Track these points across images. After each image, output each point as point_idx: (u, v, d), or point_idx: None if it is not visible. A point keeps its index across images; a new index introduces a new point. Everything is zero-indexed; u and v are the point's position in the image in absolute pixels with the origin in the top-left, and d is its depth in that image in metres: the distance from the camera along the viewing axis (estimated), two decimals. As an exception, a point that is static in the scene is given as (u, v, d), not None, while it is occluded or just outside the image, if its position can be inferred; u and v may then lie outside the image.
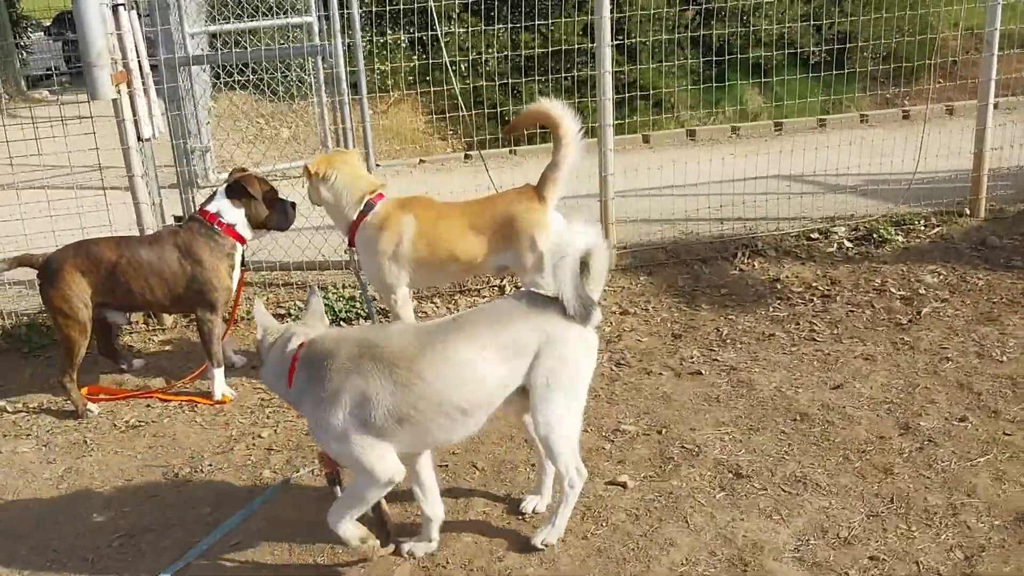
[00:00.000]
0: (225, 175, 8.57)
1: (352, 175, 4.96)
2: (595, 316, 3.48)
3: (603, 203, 6.40)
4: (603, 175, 6.33)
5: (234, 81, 10.38)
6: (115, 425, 4.93)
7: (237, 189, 5.10)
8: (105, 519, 4.09)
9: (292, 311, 6.02)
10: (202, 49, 10.02)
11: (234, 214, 5.09)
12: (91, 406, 5.05)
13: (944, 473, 4.02)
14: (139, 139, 5.61)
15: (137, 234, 5.60)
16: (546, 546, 3.65)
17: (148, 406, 5.11)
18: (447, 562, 3.64)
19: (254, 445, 4.64)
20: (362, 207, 4.93)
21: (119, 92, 5.37)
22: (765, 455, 4.25)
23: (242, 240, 5.16)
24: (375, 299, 5.66)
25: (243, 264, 5.29)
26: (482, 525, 3.86)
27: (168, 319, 5.97)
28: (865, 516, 3.77)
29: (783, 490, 3.98)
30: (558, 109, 4.89)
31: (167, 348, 5.79)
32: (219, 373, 5.09)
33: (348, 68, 6.35)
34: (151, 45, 6.49)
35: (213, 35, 9.77)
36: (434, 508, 3.67)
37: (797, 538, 3.66)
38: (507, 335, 3.41)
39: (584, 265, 3.44)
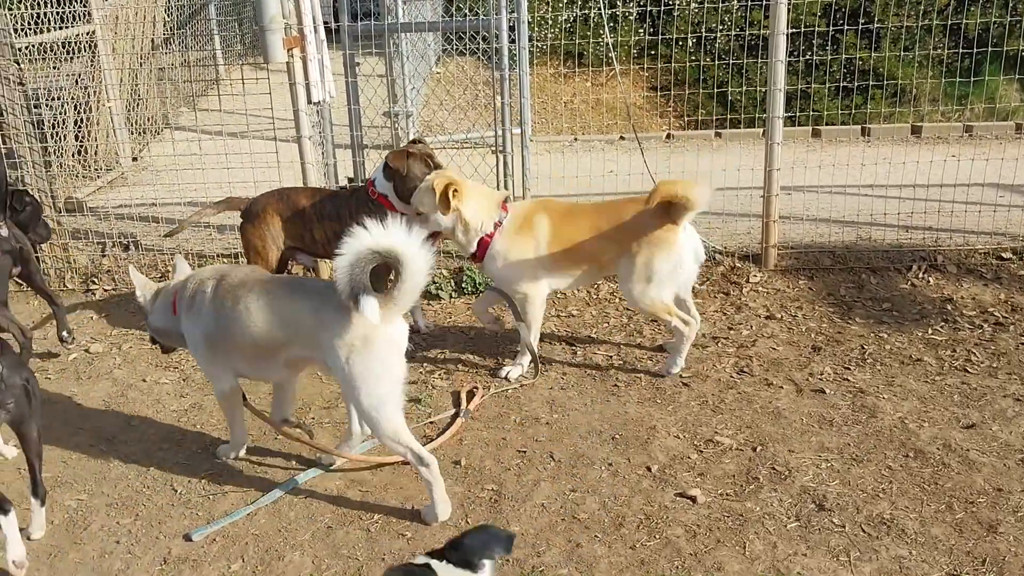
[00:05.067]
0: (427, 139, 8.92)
1: (479, 194, 4.96)
2: (364, 306, 3.47)
3: (766, 199, 6.07)
4: (768, 169, 6.00)
5: (464, 47, 10.68)
6: (249, 369, 5.27)
7: (385, 164, 5.23)
8: (206, 456, 4.42)
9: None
10: (424, 16, 10.39)
11: (385, 186, 5.21)
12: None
13: (1057, 541, 3.57)
14: (309, 102, 5.89)
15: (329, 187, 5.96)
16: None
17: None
18: (488, 549, 3.65)
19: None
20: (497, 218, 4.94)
21: (291, 56, 5.67)
22: (858, 490, 3.93)
23: (396, 211, 5.17)
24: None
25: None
26: (537, 518, 3.84)
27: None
28: (944, 573, 3.42)
29: (863, 530, 3.68)
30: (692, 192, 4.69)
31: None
32: None
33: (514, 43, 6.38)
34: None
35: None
36: None
37: (858, 585, 3.39)
38: (291, 308, 3.78)
39: (398, 268, 3.52)
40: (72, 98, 8.12)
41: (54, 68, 8.04)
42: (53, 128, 7.70)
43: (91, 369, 5.39)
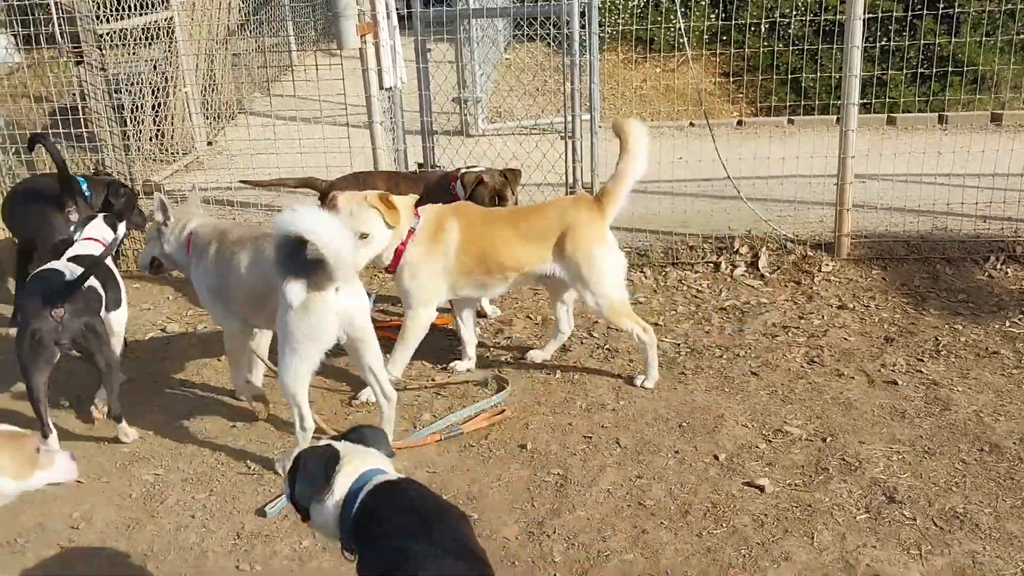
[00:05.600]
0: (492, 126, 8.92)
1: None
2: (287, 289, 3.72)
3: (840, 187, 5.98)
4: (842, 156, 5.91)
5: (534, 33, 10.66)
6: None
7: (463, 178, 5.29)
8: (278, 434, 4.50)
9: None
10: (495, 2, 10.39)
11: (461, 188, 5.27)
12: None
13: None
14: (381, 88, 5.95)
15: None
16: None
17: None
18: (553, 532, 3.67)
19: (424, 387, 4.90)
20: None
21: (364, 42, 5.73)
22: (930, 483, 3.87)
23: None
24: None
25: None
26: (603, 503, 3.85)
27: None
28: (1019, 570, 3.36)
29: (934, 524, 3.62)
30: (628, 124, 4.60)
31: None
32: None
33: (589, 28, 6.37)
34: None
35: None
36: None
37: (928, 579, 3.34)
38: (268, 262, 3.98)
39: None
40: (150, 83, 8.30)
41: (133, 54, 8.21)
42: (132, 112, 7.88)
43: (167, 348, 5.53)
